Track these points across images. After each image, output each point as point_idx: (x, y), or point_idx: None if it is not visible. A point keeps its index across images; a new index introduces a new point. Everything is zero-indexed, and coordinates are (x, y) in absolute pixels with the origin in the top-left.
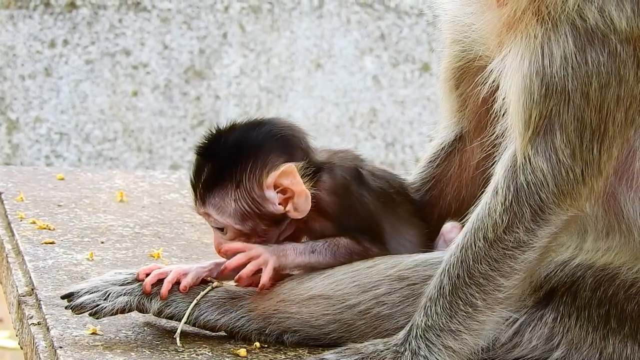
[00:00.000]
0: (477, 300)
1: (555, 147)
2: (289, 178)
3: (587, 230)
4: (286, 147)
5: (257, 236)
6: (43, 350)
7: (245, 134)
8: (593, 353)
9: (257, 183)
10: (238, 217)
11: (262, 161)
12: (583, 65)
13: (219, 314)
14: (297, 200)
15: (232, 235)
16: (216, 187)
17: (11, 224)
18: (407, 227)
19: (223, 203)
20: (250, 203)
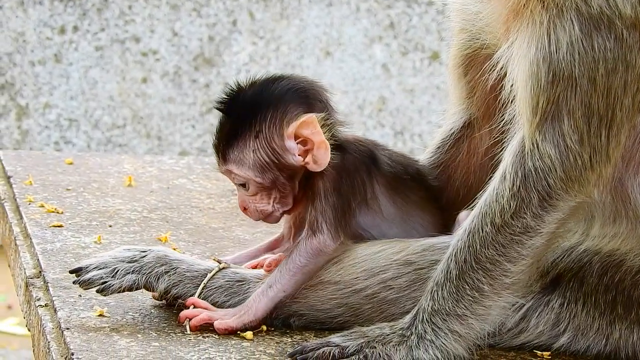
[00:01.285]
0: (483, 285)
1: (563, 133)
2: (310, 128)
3: (594, 217)
4: (305, 99)
5: (277, 191)
6: (50, 331)
7: (264, 87)
8: (599, 339)
9: (277, 133)
10: (258, 168)
11: (281, 111)
12: (589, 50)
13: (226, 296)
14: (316, 152)
15: (254, 190)
16: (235, 140)
17: (20, 207)
18: (420, 212)
19: (242, 155)
20: (269, 153)
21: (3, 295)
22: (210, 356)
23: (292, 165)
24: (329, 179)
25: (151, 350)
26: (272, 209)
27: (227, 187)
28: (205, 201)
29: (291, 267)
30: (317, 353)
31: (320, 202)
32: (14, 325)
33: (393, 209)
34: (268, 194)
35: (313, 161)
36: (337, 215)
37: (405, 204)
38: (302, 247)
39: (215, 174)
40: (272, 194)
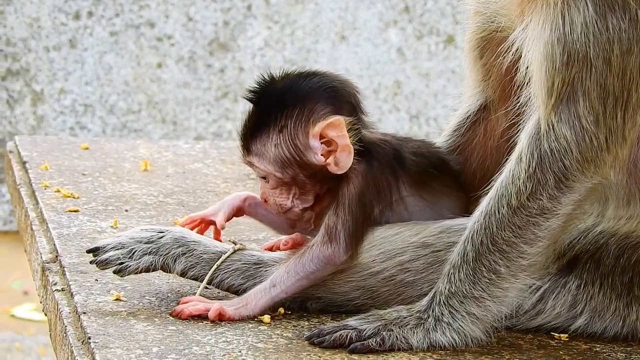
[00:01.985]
0: (500, 267)
1: (578, 114)
2: (336, 130)
3: (609, 198)
4: (335, 99)
5: (297, 188)
6: (67, 316)
7: (295, 82)
8: (616, 320)
9: (302, 130)
10: (278, 163)
11: (309, 109)
12: (604, 31)
13: (243, 278)
14: (339, 155)
15: (274, 184)
16: (259, 133)
17: (35, 193)
18: (446, 201)
19: (264, 149)
20: (292, 149)
21: (19, 281)
22: (227, 339)
23: (313, 164)
24: (355, 185)
25: (168, 334)
26: (291, 204)
27: (242, 172)
28: (221, 185)
29: (299, 271)
30: (334, 336)
31: (343, 211)
32: (31, 311)
33: (421, 203)
34: (288, 190)
35: (334, 163)
36: (356, 227)
37: (432, 196)
38: (315, 254)
39: (231, 158)
40: (291, 189)
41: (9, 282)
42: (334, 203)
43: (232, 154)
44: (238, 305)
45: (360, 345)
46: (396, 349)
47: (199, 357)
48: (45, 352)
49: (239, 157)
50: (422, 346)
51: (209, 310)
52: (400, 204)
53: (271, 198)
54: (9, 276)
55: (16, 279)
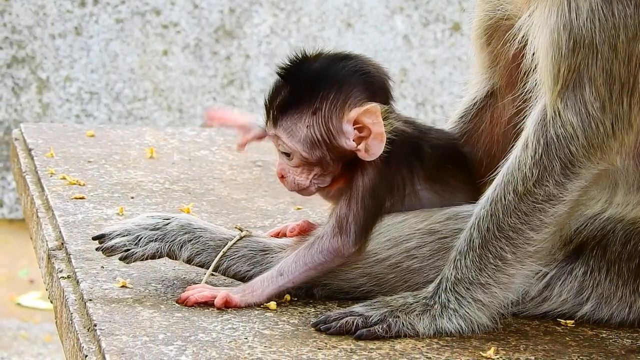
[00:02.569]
0: (506, 254)
1: (584, 101)
2: (372, 117)
3: (618, 184)
4: (371, 85)
5: (320, 168)
6: (72, 303)
7: (331, 63)
8: (622, 307)
9: (336, 114)
10: (308, 144)
11: (345, 93)
12: (610, 17)
13: (249, 265)
14: (371, 142)
15: (298, 162)
16: (291, 110)
17: (41, 180)
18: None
19: (295, 127)
20: (323, 132)
21: (25, 269)
22: (233, 326)
23: (342, 149)
24: (370, 178)
25: (174, 321)
26: (309, 184)
27: (249, 159)
28: (227, 172)
29: (308, 262)
30: (341, 323)
31: (356, 203)
32: (37, 300)
33: (434, 197)
34: (310, 169)
35: (365, 150)
36: (367, 220)
37: (446, 192)
38: (324, 245)
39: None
40: (313, 169)
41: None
42: (347, 193)
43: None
44: (244, 293)
45: (366, 332)
46: (402, 336)
47: (205, 343)
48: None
49: (263, 126)
50: (428, 332)
51: (215, 298)
52: (413, 197)
53: (290, 175)
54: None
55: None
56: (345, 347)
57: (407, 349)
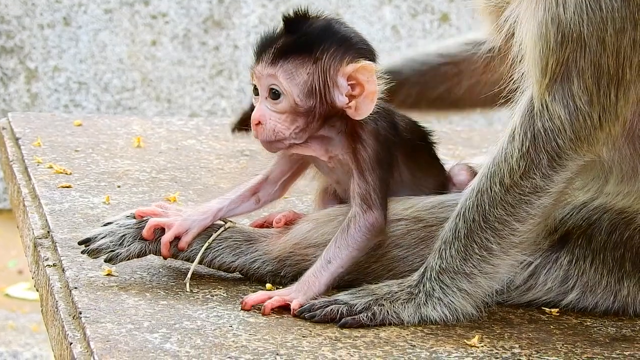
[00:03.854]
0: (492, 244)
1: (572, 94)
2: (367, 75)
3: (612, 172)
4: (367, 48)
5: (304, 121)
6: (58, 291)
7: (332, 22)
8: (607, 296)
9: (334, 67)
10: (304, 90)
11: (344, 49)
12: (597, 11)
13: (234, 255)
14: (362, 100)
15: (285, 107)
16: (294, 55)
17: (28, 169)
18: (427, 175)
19: (296, 71)
20: (321, 82)
21: (14, 260)
22: (218, 314)
23: (333, 103)
24: (371, 146)
25: (159, 309)
26: (287, 134)
27: (235, 148)
28: (214, 162)
29: (351, 243)
30: (325, 311)
31: (370, 175)
32: (26, 290)
33: (408, 175)
34: (293, 119)
35: (355, 107)
36: (383, 190)
37: (417, 170)
38: (361, 223)
39: (225, 135)
40: (297, 120)
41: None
42: (357, 168)
43: (225, 131)
44: (304, 290)
45: (351, 320)
46: (387, 324)
47: (190, 331)
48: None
49: (254, 65)
50: (413, 321)
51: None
52: (397, 170)
53: (271, 121)
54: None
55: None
56: (330, 335)
57: (392, 337)
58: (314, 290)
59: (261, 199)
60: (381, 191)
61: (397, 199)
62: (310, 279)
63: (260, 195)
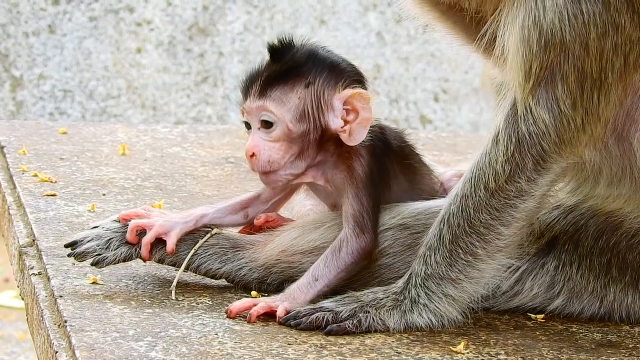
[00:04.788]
0: (477, 249)
1: (556, 98)
2: (362, 102)
3: (602, 174)
4: (358, 74)
5: (298, 148)
6: (43, 299)
7: (318, 49)
8: (593, 301)
9: (328, 90)
10: (296, 115)
11: (338, 73)
12: (579, 16)
13: (220, 262)
14: (356, 126)
15: (279, 135)
16: (282, 82)
17: (13, 177)
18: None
19: (285, 97)
20: (314, 105)
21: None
22: (203, 322)
23: (326, 127)
24: (366, 167)
25: (144, 317)
26: (283, 161)
27: (220, 155)
28: (198, 169)
29: (340, 265)
30: (311, 318)
31: (364, 196)
32: (12, 298)
33: (406, 182)
34: (289, 146)
35: (349, 133)
36: (375, 212)
37: (413, 174)
38: (352, 246)
39: (210, 142)
40: (292, 148)
41: None
42: (351, 189)
43: (210, 138)
44: (289, 301)
45: (336, 327)
46: (373, 331)
47: (175, 339)
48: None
49: (242, 102)
50: (398, 327)
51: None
52: (395, 181)
53: (265, 152)
54: None
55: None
56: (316, 343)
57: (378, 344)
58: (299, 304)
59: (249, 215)
60: (374, 213)
61: (385, 207)
62: (296, 293)
63: (249, 211)
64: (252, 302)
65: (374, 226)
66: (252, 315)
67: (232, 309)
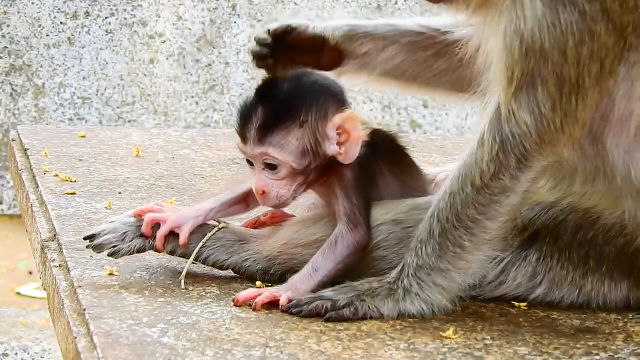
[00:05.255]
0: (465, 242)
1: (537, 101)
2: (351, 122)
3: (577, 173)
4: (339, 94)
5: (302, 177)
6: (64, 289)
7: (300, 81)
8: (572, 290)
9: (320, 122)
10: (298, 154)
11: (324, 103)
12: (557, 24)
13: (227, 254)
14: (349, 145)
15: (285, 174)
16: (278, 127)
17: (36, 177)
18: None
19: (284, 141)
20: (312, 140)
21: (24, 262)
22: (212, 310)
23: (325, 154)
24: (354, 169)
25: (157, 305)
26: (290, 194)
27: (227, 157)
28: (207, 169)
29: (337, 257)
30: (311, 306)
31: (355, 194)
32: (35, 289)
33: (394, 180)
34: (293, 179)
35: (345, 153)
36: (366, 208)
37: (402, 173)
38: (348, 240)
39: (217, 145)
40: (296, 179)
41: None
42: (340, 190)
43: (217, 141)
44: (292, 289)
45: (335, 314)
46: (368, 317)
47: (186, 326)
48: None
49: (242, 147)
50: (392, 315)
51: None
52: (382, 180)
53: (273, 189)
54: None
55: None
56: (315, 329)
57: (373, 329)
58: (300, 294)
59: (250, 204)
60: (365, 209)
61: (378, 203)
62: (297, 283)
63: (250, 200)
64: (257, 291)
65: (366, 221)
66: (257, 303)
67: (238, 298)
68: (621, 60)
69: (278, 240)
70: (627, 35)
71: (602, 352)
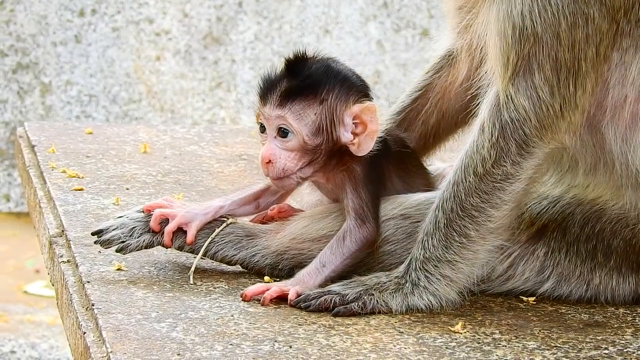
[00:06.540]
0: (470, 231)
1: (535, 86)
2: (370, 115)
3: (579, 164)
4: (364, 87)
5: (310, 157)
6: (72, 285)
7: (331, 64)
8: (580, 284)
9: (340, 106)
10: (313, 129)
11: (347, 89)
12: (548, 7)
13: (235, 249)
14: (365, 138)
15: (295, 146)
16: (300, 97)
17: (43, 173)
18: (417, 178)
19: (304, 112)
20: (328, 121)
21: (31, 260)
22: (220, 305)
23: (338, 140)
24: (363, 166)
25: (166, 300)
26: (296, 169)
27: (234, 153)
28: (214, 165)
29: (345, 253)
30: (320, 301)
31: (363, 191)
32: (42, 288)
33: (400, 182)
34: (301, 156)
35: (358, 144)
36: (375, 204)
37: (407, 176)
38: (356, 236)
39: (224, 141)
40: (305, 157)
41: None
42: (350, 185)
43: (225, 137)
44: (300, 284)
45: (343, 309)
46: (377, 312)
47: (194, 321)
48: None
49: (260, 106)
50: (400, 309)
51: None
52: (389, 182)
53: (280, 159)
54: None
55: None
56: (324, 323)
57: (381, 324)
58: (309, 288)
59: (261, 205)
60: (373, 205)
61: (386, 199)
62: (306, 277)
63: (260, 202)
64: (265, 286)
65: (375, 216)
66: (265, 298)
67: (246, 293)
68: (614, 46)
69: (286, 235)
70: (619, 19)
71: (611, 346)
